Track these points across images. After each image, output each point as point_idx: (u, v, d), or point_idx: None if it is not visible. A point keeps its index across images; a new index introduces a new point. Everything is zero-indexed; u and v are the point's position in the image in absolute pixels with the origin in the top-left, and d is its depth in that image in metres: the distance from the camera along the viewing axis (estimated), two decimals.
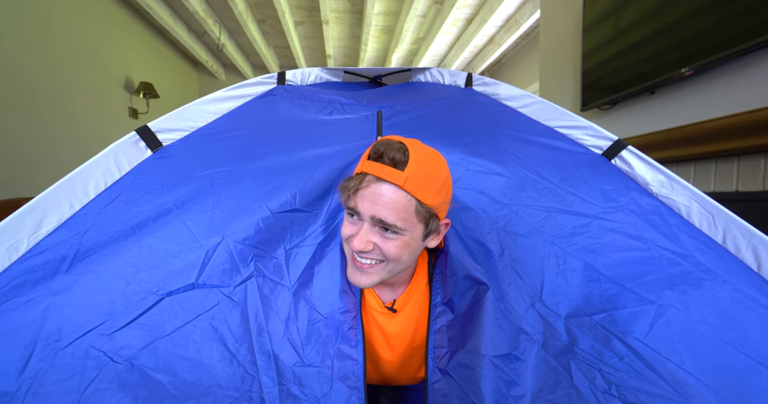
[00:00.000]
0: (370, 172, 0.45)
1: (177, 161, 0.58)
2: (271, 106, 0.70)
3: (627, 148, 0.58)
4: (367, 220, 0.46)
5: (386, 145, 0.46)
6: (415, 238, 0.48)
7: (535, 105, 0.69)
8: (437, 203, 0.48)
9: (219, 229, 0.53)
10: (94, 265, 0.47)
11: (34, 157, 1.88)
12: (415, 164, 0.45)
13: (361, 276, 0.49)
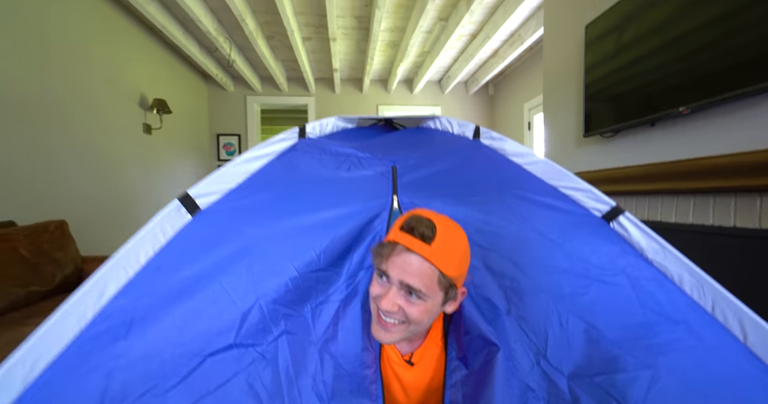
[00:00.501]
0: (402, 242, 0.52)
1: (213, 223, 0.64)
2: (294, 163, 0.75)
3: (624, 214, 0.63)
4: (395, 284, 0.53)
5: (417, 221, 0.53)
6: (435, 304, 0.55)
7: (539, 164, 0.74)
8: (457, 275, 0.54)
9: (253, 291, 0.59)
10: (147, 330, 0.53)
11: (56, 175, 1.96)
12: (440, 240, 0.52)
13: (385, 334, 0.56)
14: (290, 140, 0.80)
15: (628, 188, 1.51)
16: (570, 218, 0.68)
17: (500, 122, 4.37)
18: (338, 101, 4.37)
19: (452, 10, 2.75)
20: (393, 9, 2.74)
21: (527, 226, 0.68)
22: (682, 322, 0.55)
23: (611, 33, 1.48)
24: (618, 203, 0.65)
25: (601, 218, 0.66)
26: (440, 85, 4.45)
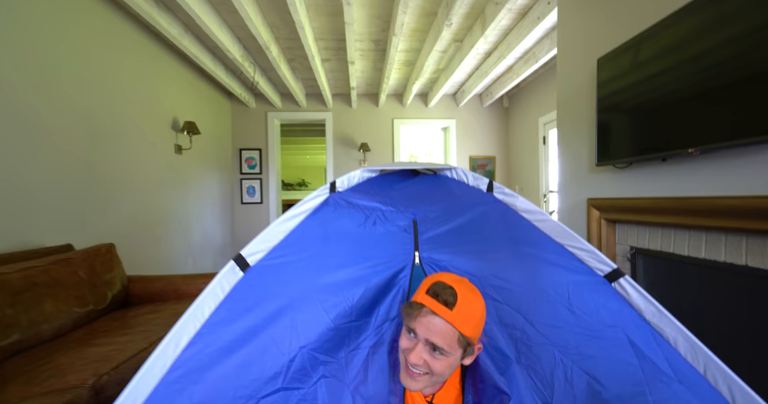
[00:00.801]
0: (428, 305, 0.62)
1: (261, 280, 0.74)
2: (326, 220, 0.86)
3: (624, 277, 0.70)
4: (421, 341, 0.63)
5: (441, 288, 0.63)
6: (456, 359, 0.64)
7: (548, 222, 0.81)
8: (474, 334, 0.63)
9: (296, 341, 0.69)
10: (211, 376, 0.64)
11: (102, 197, 2.14)
12: (460, 306, 0.61)
13: (411, 382, 0.65)
14: (323, 195, 0.91)
15: (642, 218, 1.55)
16: (576, 276, 0.75)
17: (515, 136, 4.39)
18: (355, 115, 4.50)
19: (467, 32, 2.82)
20: (409, 33, 2.85)
21: (537, 282, 0.76)
22: (677, 381, 0.61)
23: (622, 69, 1.52)
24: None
25: (604, 278, 0.73)
26: (455, 99, 4.51)
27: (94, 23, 2.12)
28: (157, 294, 1.81)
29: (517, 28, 2.68)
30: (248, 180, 4.40)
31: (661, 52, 1.33)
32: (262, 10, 2.45)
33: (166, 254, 2.85)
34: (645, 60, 1.41)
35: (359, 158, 4.50)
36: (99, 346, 1.20)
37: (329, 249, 0.81)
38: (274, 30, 2.75)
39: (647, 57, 1.39)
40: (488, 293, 0.76)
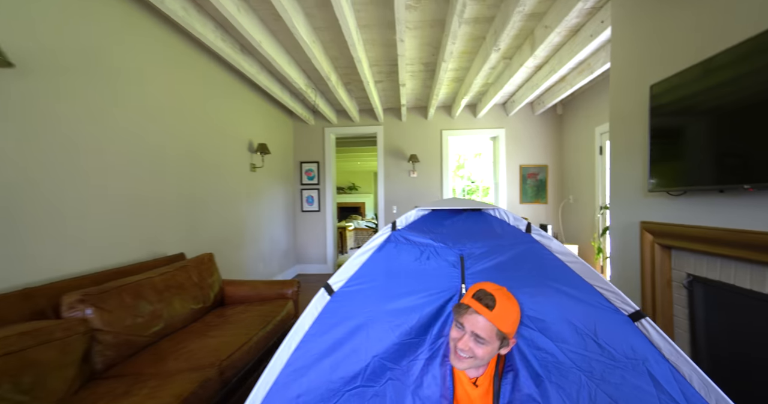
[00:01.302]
0: (473, 307, 0.84)
1: (342, 303, 0.99)
2: (390, 255, 1.08)
3: (645, 318, 0.81)
4: (468, 332, 0.84)
5: (484, 294, 0.84)
6: (494, 348, 0.84)
7: (578, 263, 0.94)
8: (509, 331, 0.84)
9: (371, 351, 0.92)
10: (311, 372, 0.90)
11: (199, 212, 2.63)
12: (498, 308, 0.82)
13: (458, 363, 0.86)
14: (386, 233, 1.13)
15: (699, 247, 1.53)
16: (603, 313, 0.87)
17: (569, 144, 4.25)
18: (404, 127, 4.72)
19: (516, 51, 2.88)
20: (458, 55, 2.98)
21: (567, 316, 0.90)
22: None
23: (677, 98, 1.52)
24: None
25: (628, 317, 0.85)
26: (504, 108, 4.50)
27: (199, 71, 2.62)
28: (245, 296, 2.21)
29: (569, 45, 2.67)
30: (307, 190, 4.87)
31: (722, 84, 1.32)
32: (325, 48, 2.78)
33: (243, 260, 3.35)
34: (701, 92, 1.40)
35: (408, 169, 4.70)
36: (213, 337, 1.58)
37: (392, 280, 1.03)
38: (334, 61, 3.08)
39: (704, 88, 1.39)
40: (524, 322, 0.92)
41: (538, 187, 4.47)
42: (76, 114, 1.64)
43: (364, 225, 8.19)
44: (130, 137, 1.96)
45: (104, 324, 1.41)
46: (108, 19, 1.83)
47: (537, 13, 2.31)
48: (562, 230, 4.38)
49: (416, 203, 4.71)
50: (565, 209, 4.36)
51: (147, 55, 2.10)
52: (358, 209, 10.42)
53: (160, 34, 2.22)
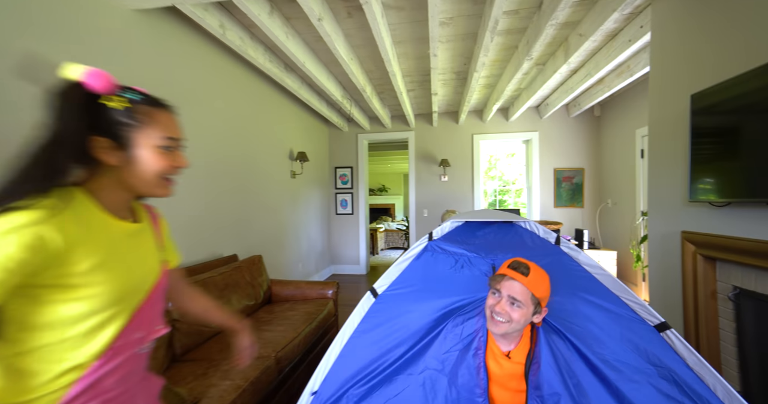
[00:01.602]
0: (509, 274, 0.92)
1: (385, 304, 1.13)
2: (427, 263, 1.21)
3: (671, 329, 0.87)
4: (504, 297, 0.93)
5: (519, 263, 0.93)
6: (528, 312, 0.92)
7: (605, 275, 1.01)
8: (541, 296, 0.91)
9: (410, 344, 1.05)
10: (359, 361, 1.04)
11: (247, 216, 2.91)
12: (532, 275, 0.91)
13: (494, 327, 0.94)
14: (423, 243, 1.26)
15: (748, 260, 1.48)
16: (629, 323, 0.94)
17: (607, 147, 4.11)
18: (435, 132, 4.80)
19: (549, 57, 2.88)
20: (489, 64, 3.03)
21: (594, 323, 0.97)
22: None
23: (719, 109, 1.50)
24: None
25: (654, 328, 0.91)
26: (538, 111, 4.44)
27: (248, 89, 2.90)
28: (290, 295, 2.44)
29: (606, 49, 2.63)
30: (341, 194, 5.10)
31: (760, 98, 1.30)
32: (361, 62, 2.96)
33: (284, 261, 3.62)
34: (747, 103, 1.37)
35: (439, 173, 4.78)
36: (267, 331, 1.80)
37: (429, 286, 1.16)
38: (369, 74, 3.24)
39: (750, 101, 1.36)
40: (551, 326, 1.00)
41: (574, 190, 4.36)
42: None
43: (395, 227, 8.33)
44: (196, 152, 2.24)
45: (181, 316, 1.67)
46: (181, 53, 2.11)
47: (571, 22, 2.32)
48: (599, 235, 4.24)
49: (447, 206, 4.77)
50: (603, 213, 4.22)
51: (209, 80, 2.38)
52: (388, 210, 10.58)
53: (219, 61, 2.50)
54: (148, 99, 0.62)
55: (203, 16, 1.88)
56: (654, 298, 2.13)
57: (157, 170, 0.61)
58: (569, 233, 4.34)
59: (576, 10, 2.19)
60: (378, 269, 5.55)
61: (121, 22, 1.72)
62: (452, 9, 2.13)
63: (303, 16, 2.15)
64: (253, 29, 2.33)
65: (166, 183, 0.64)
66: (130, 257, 0.61)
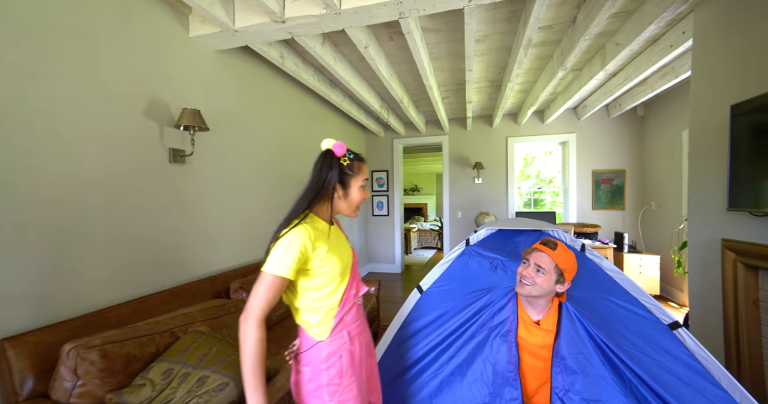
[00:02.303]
0: (539, 248, 1.12)
1: (430, 299, 1.35)
2: (465, 265, 1.41)
3: (682, 328, 1.01)
4: (531, 264, 1.12)
5: (548, 240, 1.13)
6: (551, 279, 1.10)
7: (625, 280, 1.15)
8: (564, 267, 1.09)
9: (450, 328, 1.26)
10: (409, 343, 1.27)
11: None
12: (559, 250, 1.09)
13: (521, 289, 1.14)
14: (461, 247, 1.46)
15: None
16: (645, 322, 1.08)
17: (652, 148, 3.99)
18: (469, 136, 4.91)
19: (586, 64, 2.91)
20: (524, 72, 3.12)
21: (617, 320, 1.12)
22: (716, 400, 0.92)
23: (758, 119, 1.53)
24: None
25: (667, 326, 1.05)
26: (575, 112, 4.39)
27: (298, 105, 3.24)
28: None
29: (647, 54, 2.63)
30: (378, 196, 5.37)
31: None
32: (399, 76, 3.18)
33: None
34: None
35: (473, 176, 4.89)
36: None
37: (467, 284, 1.36)
38: (406, 86, 3.46)
39: None
40: (580, 319, 1.16)
41: (614, 193, 4.27)
42: (233, 150, 2.30)
43: (428, 227, 8.49)
44: (257, 163, 2.61)
45: None
46: (248, 81, 2.47)
47: (607, 31, 2.37)
48: (641, 238, 4.13)
49: (481, 208, 4.87)
50: (646, 216, 4.11)
51: (268, 101, 2.74)
52: (421, 210, 10.74)
53: (276, 84, 2.85)
54: (357, 156, 0.98)
55: (268, 50, 2.21)
56: (693, 305, 2.15)
57: (359, 202, 0.98)
58: (608, 236, 4.27)
59: (612, 21, 2.25)
60: (412, 268, 5.76)
61: (208, 61, 2.09)
62: (487, 28, 2.29)
63: (349, 42, 2.42)
64: (305, 55, 2.64)
65: (357, 209, 1.01)
66: (339, 245, 0.95)
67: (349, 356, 0.92)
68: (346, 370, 0.90)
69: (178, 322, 1.49)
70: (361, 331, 0.99)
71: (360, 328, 0.99)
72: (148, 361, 1.26)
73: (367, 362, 1.01)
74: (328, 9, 1.68)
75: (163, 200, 1.78)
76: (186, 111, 1.78)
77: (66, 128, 1.36)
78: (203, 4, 1.62)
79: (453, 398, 1.16)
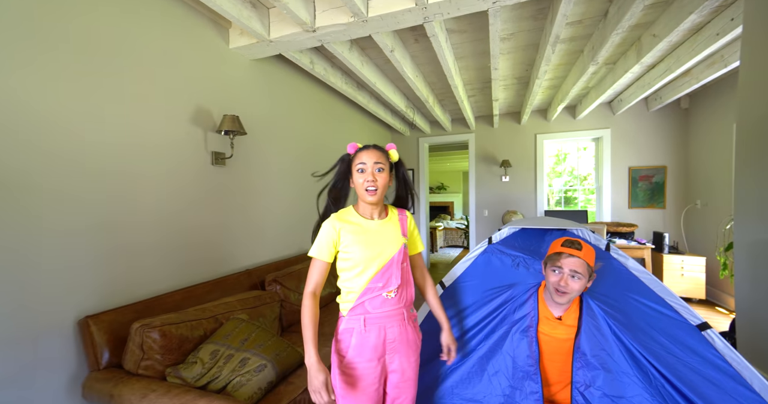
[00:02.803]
0: (566, 251, 1.11)
1: (454, 294, 1.40)
2: (488, 262, 1.44)
3: (711, 329, 0.99)
4: (566, 272, 1.11)
5: (570, 241, 1.12)
6: (586, 281, 1.10)
7: (652, 280, 1.14)
8: (593, 264, 1.09)
9: (475, 320, 1.31)
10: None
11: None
12: (584, 249, 1.09)
13: (561, 298, 1.13)
14: (484, 246, 1.50)
15: None
16: (672, 322, 1.07)
17: (698, 142, 3.73)
18: (496, 133, 4.83)
19: (620, 57, 2.80)
20: (553, 68, 3.05)
21: (642, 319, 1.12)
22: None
23: None
24: None
25: (696, 327, 1.03)
26: (610, 107, 4.20)
27: (328, 108, 3.38)
28: None
29: (689, 44, 2.48)
30: None
31: None
32: (424, 77, 3.22)
33: None
34: None
35: (500, 174, 4.81)
36: None
37: (489, 280, 1.40)
38: (431, 86, 3.49)
39: None
40: (602, 316, 1.17)
41: (653, 190, 4.04)
42: (268, 152, 2.46)
43: (454, 225, 8.43)
44: (289, 162, 2.76)
45: (285, 297, 2.15)
46: (281, 86, 2.63)
47: (643, 23, 2.28)
48: (684, 238, 3.88)
49: (508, 207, 4.79)
50: (690, 215, 3.86)
51: (299, 103, 2.89)
52: (447, 208, 10.65)
53: (306, 88, 3.00)
54: (360, 148, 1.09)
55: (299, 57, 2.34)
56: (741, 312, 2.02)
57: (360, 185, 1.04)
58: (646, 236, 4.05)
59: (647, 12, 2.16)
60: (438, 267, 5.77)
61: (244, 69, 2.25)
62: (512, 27, 2.27)
63: (375, 45, 2.49)
64: (333, 60, 2.75)
65: (369, 194, 1.04)
66: (374, 239, 1.04)
67: (360, 339, 1.00)
68: (354, 349, 1.00)
69: (221, 310, 1.65)
70: (388, 325, 1.03)
71: (385, 321, 1.03)
72: (198, 342, 1.42)
73: (394, 357, 1.04)
74: (355, 17, 1.77)
75: (206, 199, 1.96)
76: (227, 117, 1.94)
77: (127, 136, 1.55)
78: (243, 19, 1.77)
79: (474, 390, 1.20)
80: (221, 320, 1.59)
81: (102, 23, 1.45)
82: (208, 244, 1.98)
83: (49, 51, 1.28)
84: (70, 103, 1.34)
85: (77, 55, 1.36)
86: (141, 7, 1.61)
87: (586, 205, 7.23)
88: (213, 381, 1.25)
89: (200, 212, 1.92)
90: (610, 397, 1.02)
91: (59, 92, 1.30)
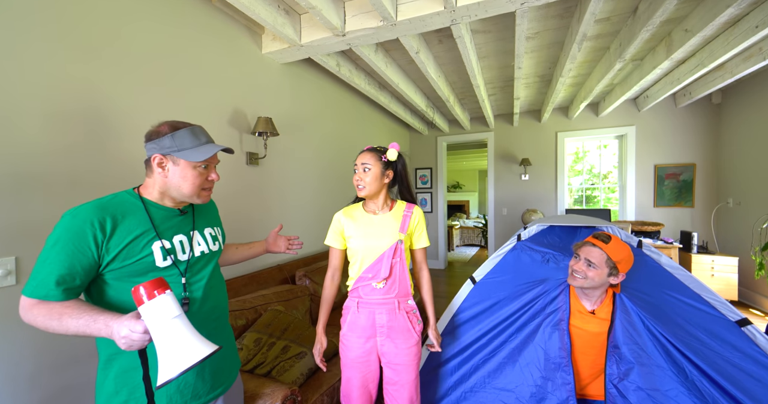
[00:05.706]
0: (591, 241, 1.16)
1: (483, 289, 1.45)
2: (517, 258, 1.48)
3: (752, 325, 1.00)
4: (582, 259, 1.16)
5: (600, 234, 1.16)
6: (603, 272, 1.13)
7: (686, 276, 1.15)
8: (617, 259, 1.11)
9: (505, 314, 1.35)
10: (463, 328, 1.38)
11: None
12: (613, 243, 1.12)
13: (573, 281, 1.19)
14: (513, 243, 1.53)
15: None
16: (710, 318, 1.08)
17: (731, 139, 3.61)
18: (516, 132, 4.80)
19: (648, 53, 2.75)
20: (577, 66, 3.02)
21: (679, 316, 1.13)
22: None
23: None
24: None
25: (735, 323, 1.04)
26: (635, 103, 4.10)
27: (351, 108, 3.46)
28: None
29: (724, 37, 2.42)
30: (421, 194, 5.46)
31: None
32: (446, 76, 3.25)
33: None
34: None
35: (519, 172, 4.78)
36: None
37: (520, 276, 1.43)
38: (452, 85, 3.51)
39: None
40: (635, 310, 1.18)
41: (681, 189, 3.93)
42: (298, 152, 2.56)
43: (471, 224, 8.39)
44: (315, 162, 2.85)
45: (313, 292, 2.24)
46: (308, 89, 2.72)
47: (674, 18, 2.24)
48: (714, 238, 3.77)
49: (527, 206, 4.76)
50: (720, 214, 3.74)
51: (324, 105, 2.98)
52: (462, 207, 10.59)
53: (331, 89, 3.08)
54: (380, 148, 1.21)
55: (327, 60, 2.42)
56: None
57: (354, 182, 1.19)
58: (673, 235, 3.95)
59: (680, 7, 2.12)
60: (455, 265, 5.78)
61: (275, 72, 2.35)
62: (538, 25, 2.28)
63: (400, 47, 2.55)
64: (358, 61, 2.82)
65: (359, 190, 1.18)
66: (371, 232, 1.15)
67: (353, 317, 1.15)
68: (347, 325, 1.17)
69: (259, 301, 1.74)
70: (378, 311, 1.12)
71: (374, 307, 1.12)
72: (241, 331, 1.52)
73: (385, 341, 1.12)
74: (384, 21, 1.83)
75: (241, 198, 2.07)
76: (261, 119, 2.04)
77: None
78: (277, 25, 1.86)
79: (506, 380, 1.25)
80: (260, 311, 1.69)
81: (160, 38, 1.56)
82: (244, 239, 2.08)
83: (135, 62, 1.40)
84: (142, 102, 1.49)
85: (146, 63, 1.48)
86: (187, 23, 1.71)
87: (606, 204, 7.06)
88: (259, 365, 1.34)
89: (237, 210, 2.03)
90: (644, 390, 1.04)
91: (135, 92, 1.45)
